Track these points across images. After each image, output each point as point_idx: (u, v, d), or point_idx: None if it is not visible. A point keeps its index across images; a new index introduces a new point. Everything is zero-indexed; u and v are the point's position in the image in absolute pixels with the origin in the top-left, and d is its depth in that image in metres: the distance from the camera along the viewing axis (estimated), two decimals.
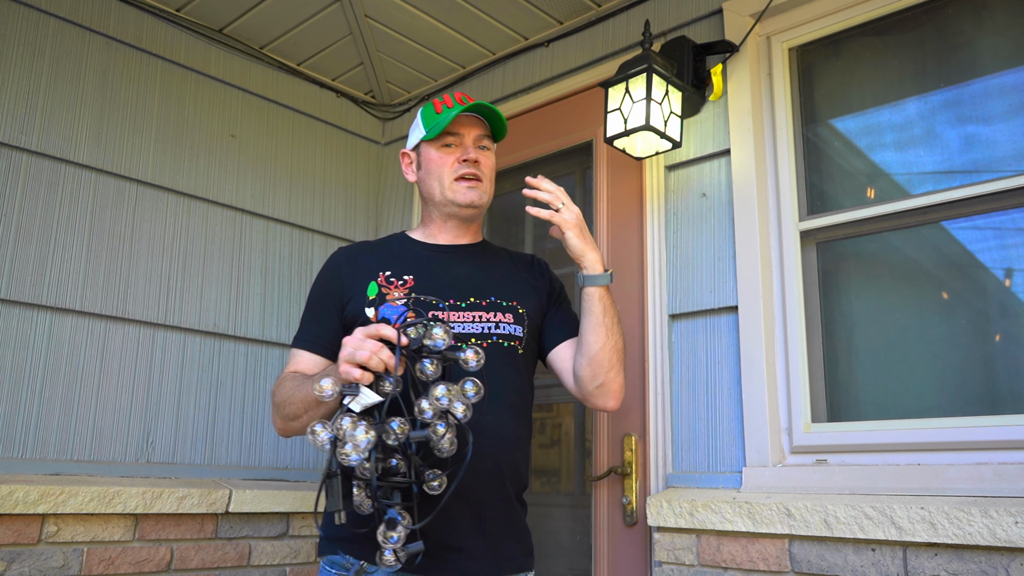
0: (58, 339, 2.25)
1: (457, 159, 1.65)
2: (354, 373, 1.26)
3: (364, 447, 1.21)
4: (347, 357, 1.28)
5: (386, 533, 1.24)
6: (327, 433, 1.24)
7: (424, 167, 1.69)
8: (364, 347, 1.27)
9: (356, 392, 1.26)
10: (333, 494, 1.25)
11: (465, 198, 1.64)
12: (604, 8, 2.57)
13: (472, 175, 1.64)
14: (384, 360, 1.27)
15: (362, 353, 1.26)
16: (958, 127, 1.93)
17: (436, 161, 1.66)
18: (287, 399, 1.51)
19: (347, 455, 1.21)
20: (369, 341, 1.28)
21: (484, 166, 1.67)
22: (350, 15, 2.66)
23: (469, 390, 1.30)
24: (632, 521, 2.17)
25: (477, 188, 1.65)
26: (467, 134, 1.66)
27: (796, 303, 2.02)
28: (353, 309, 1.57)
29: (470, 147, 1.66)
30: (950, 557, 1.58)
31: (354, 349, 1.28)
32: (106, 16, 2.48)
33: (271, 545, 2.50)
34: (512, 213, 2.89)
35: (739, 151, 2.13)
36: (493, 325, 1.59)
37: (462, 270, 1.66)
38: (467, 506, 1.45)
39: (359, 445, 1.20)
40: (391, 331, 1.29)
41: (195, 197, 2.61)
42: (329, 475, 1.25)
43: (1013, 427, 1.66)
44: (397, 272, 1.61)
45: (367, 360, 1.26)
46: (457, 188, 1.64)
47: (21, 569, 2.01)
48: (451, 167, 1.65)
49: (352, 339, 1.30)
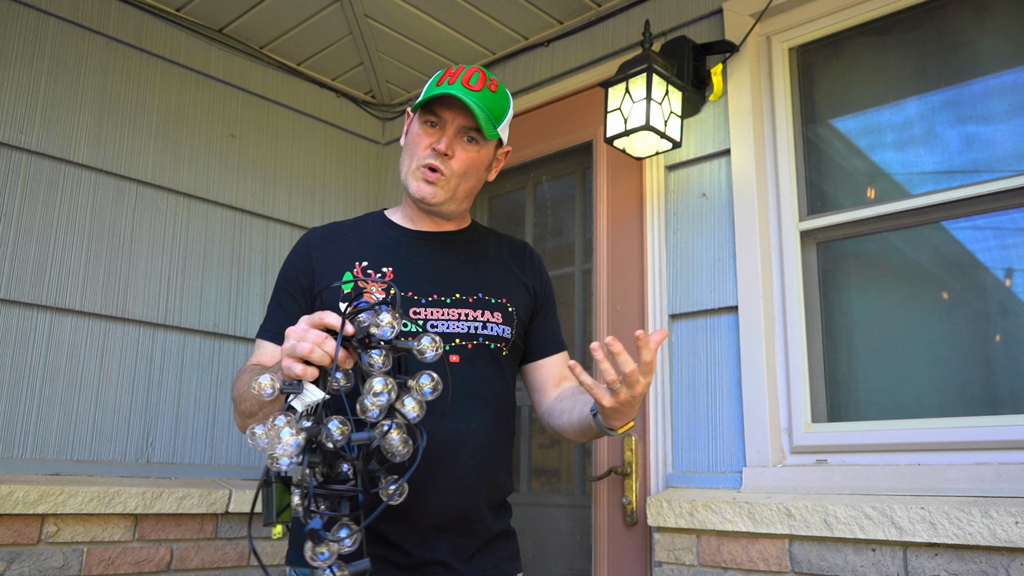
0: (58, 339, 2.25)
1: (431, 144, 1.45)
2: (295, 368, 1.11)
3: (292, 450, 1.05)
4: (288, 350, 1.13)
5: (314, 549, 1.06)
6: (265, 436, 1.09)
7: (406, 139, 1.52)
8: (307, 338, 1.12)
9: (299, 390, 1.11)
10: (269, 504, 1.09)
11: (417, 191, 1.46)
12: (604, 8, 2.57)
13: (433, 168, 1.44)
14: (329, 352, 1.12)
15: (303, 346, 1.11)
16: (958, 127, 1.93)
17: (414, 136, 1.48)
18: (242, 394, 1.38)
19: (276, 459, 1.05)
20: (312, 331, 1.13)
21: (455, 161, 1.46)
22: (350, 15, 2.66)
23: (425, 385, 1.15)
24: (632, 521, 2.17)
25: (434, 185, 1.45)
26: (451, 120, 1.45)
27: (796, 303, 2.02)
28: (326, 300, 1.42)
29: (450, 136, 1.45)
30: (950, 557, 1.57)
31: (296, 341, 1.13)
32: (106, 16, 2.48)
33: (271, 545, 2.50)
34: (512, 213, 2.89)
35: (739, 151, 2.13)
36: (480, 325, 1.46)
37: (446, 261, 1.51)
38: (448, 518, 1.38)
39: (287, 448, 1.05)
40: (335, 319, 1.13)
41: (195, 197, 2.61)
42: (265, 482, 1.09)
43: (1013, 427, 1.66)
44: (375, 263, 1.46)
45: (309, 353, 1.11)
46: (415, 175, 1.46)
47: (21, 569, 2.01)
48: (423, 150, 1.45)
49: (295, 329, 1.15)
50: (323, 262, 1.47)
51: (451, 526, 1.39)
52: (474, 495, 1.42)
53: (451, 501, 1.37)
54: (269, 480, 1.09)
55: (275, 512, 1.09)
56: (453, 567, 1.39)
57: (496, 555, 1.47)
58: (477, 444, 1.42)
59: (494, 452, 1.46)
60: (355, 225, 1.57)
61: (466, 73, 1.46)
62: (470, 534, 1.42)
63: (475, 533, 1.43)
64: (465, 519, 1.41)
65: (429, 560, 1.37)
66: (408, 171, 1.47)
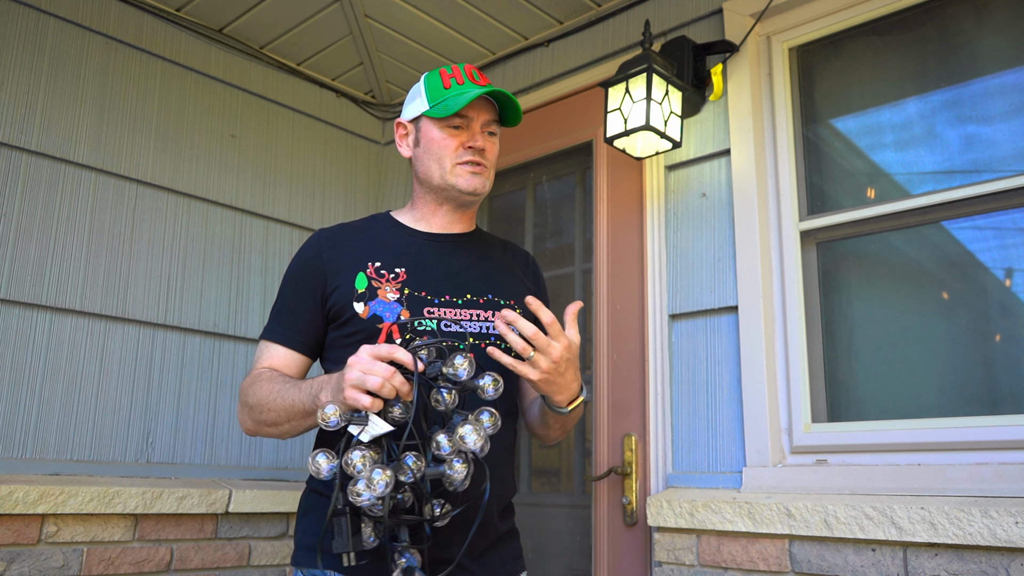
0: (58, 339, 2.25)
1: (463, 144, 1.50)
2: (363, 400, 1.14)
3: (381, 490, 1.10)
4: (356, 381, 1.15)
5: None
6: (330, 466, 1.14)
7: (424, 145, 1.53)
8: (375, 372, 1.14)
9: (365, 422, 1.14)
10: (342, 533, 1.14)
11: (468, 184, 1.50)
12: (604, 8, 2.57)
13: (477, 163, 1.51)
14: (397, 387, 1.15)
15: (374, 380, 1.14)
16: (958, 127, 1.93)
17: (439, 142, 1.51)
18: (264, 403, 1.38)
19: (358, 494, 1.10)
20: (379, 364, 1.15)
21: (490, 153, 1.53)
22: (350, 15, 2.66)
23: (486, 421, 1.20)
24: (632, 521, 2.17)
25: (481, 175, 1.51)
26: (477, 118, 1.51)
27: (796, 303, 2.02)
28: (338, 302, 1.44)
29: (478, 133, 1.51)
30: (950, 557, 1.57)
31: (363, 373, 1.14)
32: (106, 16, 2.48)
33: (271, 545, 2.50)
34: (512, 213, 2.89)
35: (739, 151, 2.13)
36: (491, 325, 1.48)
37: (457, 262, 1.54)
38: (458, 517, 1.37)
39: (376, 487, 1.09)
40: (405, 355, 1.17)
41: (195, 197, 2.61)
42: (336, 513, 1.15)
43: (1013, 427, 1.66)
44: (387, 263, 1.47)
45: (379, 388, 1.14)
46: (460, 172, 1.50)
47: (21, 569, 2.01)
48: (455, 151, 1.50)
49: (360, 361, 1.16)
50: (335, 262, 1.48)
51: (461, 524, 1.40)
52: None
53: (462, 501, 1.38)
54: (342, 511, 1.14)
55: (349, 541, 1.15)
56: (464, 565, 1.40)
57: (504, 554, 1.50)
58: None
59: (502, 452, 1.48)
60: (364, 226, 1.58)
61: (465, 69, 1.52)
62: (480, 533, 1.43)
63: (485, 532, 1.44)
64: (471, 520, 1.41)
65: (440, 559, 1.38)
66: (448, 170, 1.51)
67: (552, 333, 1.29)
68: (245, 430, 1.47)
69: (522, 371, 1.29)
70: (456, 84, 1.50)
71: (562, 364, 1.31)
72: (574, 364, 1.35)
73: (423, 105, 1.52)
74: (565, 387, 1.35)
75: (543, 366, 1.29)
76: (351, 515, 1.15)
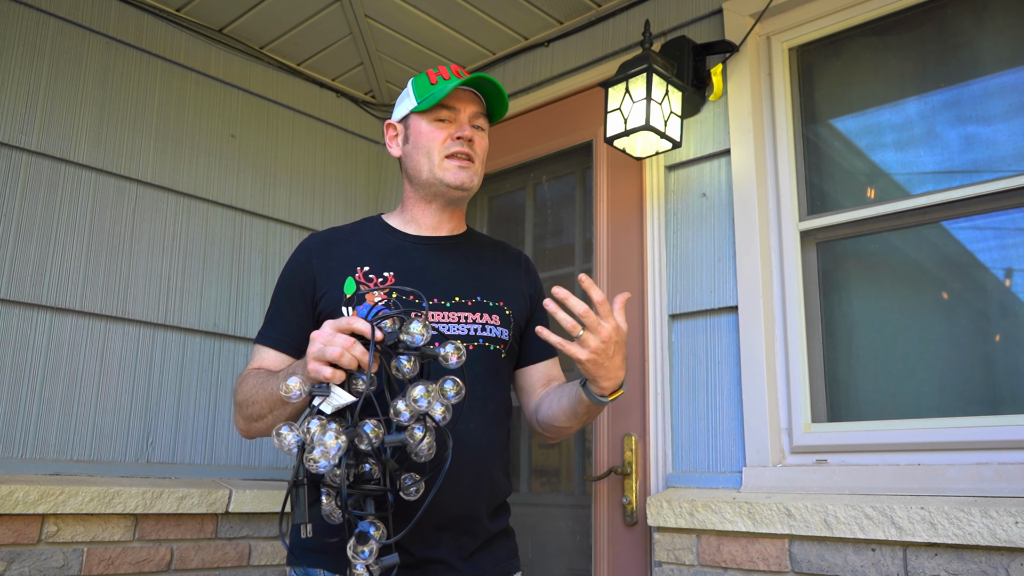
0: (58, 339, 2.25)
1: (450, 135, 1.51)
2: (324, 372, 1.15)
3: (334, 453, 1.10)
4: (316, 354, 1.16)
5: (356, 548, 1.13)
6: (294, 436, 1.13)
7: (412, 141, 1.54)
8: (335, 342, 1.15)
9: (327, 392, 1.15)
10: (299, 504, 1.14)
11: (455, 178, 1.50)
12: (604, 8, 2.57)
13: (465, 154, 1.51)
14: (357, 357, 1.16)
15: (333, 350, 1.15)
16: (958, 127, 1.93)
17: (427, 135, 1.52)
18: (249, 398, 1.40)
19: (315, 461, 1.10)
20: (340, 336, 1.16)
21: (478, 146, 1.53)
22: (350, 15, 2.67)
23: (449, 390, 1.20)
24: (632, 521, 2.17)
25: (468, 169, 1.51)
26: (463, 109, 1.53)
27: (796, 303, 2.02)
28: (327, 306, 1.45)
29: (465, 124, 1.52)
30: (950, 557, 1.58)
31: (324, 345, 1.16)
32: (106, 16, 2.48)
33: (271, 545, 2.50)
34: (512, 213, 2.89)
35: (739, 151, 2.13)
36: (479, 327, 1.49)
37: (446, 265, 1.54)
38: (448, 516, 1.39)
39: (329, 451, 1.09)
40: (364, 325, 1.17)
41: (195, 197, 2.61)
42: (295, 483, 1.14)
43: (1013, 427, 1.66)
44: (376, 268, 1.48)
45: (339, 357, 1.15)
46: (448, 166, 1.50)
47: (21, 569, 2.01)
48: (443, 143, 1.51)
49: (321, 333, 1.18)
50: (324, 268, 1.49)
51: (451, 525, 1.41)
52: (474, 494, 1.43)
53: (451, 500, 1.37)
54: (300, 481, 1.14)
55: (306, 512, 1.14)
56: (453, 565, 1.40)
57: (496, 554, 1.49)
58: (477, 444, 1.44)
59: (493, 452, 1.48)
60: (354, 230, 1.59)
61: (452, 67, 1.54)
62: (470, 533, 1.43)
63: (475, 532, 1.44)
64: (465, 518, 1.42)
65: (429, 559, 1.39)
66: (435, 165, 1.51)
67: (602, 313, 1.28)
68: (239, 431, 1.48)
69: (570, 351, 1.28)
70: (442, 79, 1.52)
71: (611, 346, 1.29)
72: (622, 349, 1.33)
73: (411, 103, 1.55)
74: (613, 372, 1.33)
75: (592, 345, 1.27)
76: (309, 485, 1.15)
